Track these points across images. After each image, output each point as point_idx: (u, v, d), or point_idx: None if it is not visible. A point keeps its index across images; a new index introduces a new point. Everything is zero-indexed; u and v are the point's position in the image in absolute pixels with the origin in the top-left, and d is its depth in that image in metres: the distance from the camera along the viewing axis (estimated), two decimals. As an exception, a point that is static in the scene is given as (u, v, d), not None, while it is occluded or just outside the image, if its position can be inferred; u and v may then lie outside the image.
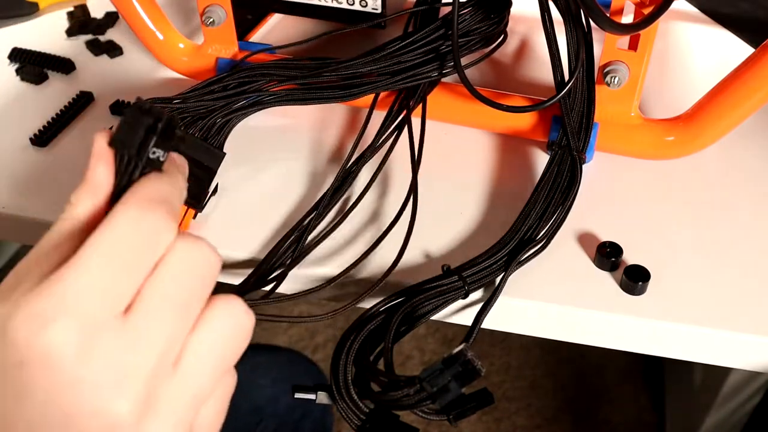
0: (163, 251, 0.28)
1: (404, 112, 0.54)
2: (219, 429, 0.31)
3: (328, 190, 0.50)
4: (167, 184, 0.31)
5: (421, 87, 0.55)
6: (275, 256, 0.46)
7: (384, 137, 0.53)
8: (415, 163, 0.51)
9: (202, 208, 0.48)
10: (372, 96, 0.56)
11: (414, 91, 0.55)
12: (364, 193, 0.50)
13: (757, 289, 0.46)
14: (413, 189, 0.49)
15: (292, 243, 0.47)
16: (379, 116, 0.56)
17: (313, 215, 0.48)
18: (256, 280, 0.44)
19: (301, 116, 0.59)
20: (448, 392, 0.35)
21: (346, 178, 0.51)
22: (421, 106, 0.55)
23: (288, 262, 0.46)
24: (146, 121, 0.30)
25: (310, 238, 0.47)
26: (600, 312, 0.45)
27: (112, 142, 0.30)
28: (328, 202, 0.49)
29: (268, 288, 0.44)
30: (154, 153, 0.31)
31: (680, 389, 1.14)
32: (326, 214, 0.49)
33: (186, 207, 0.48)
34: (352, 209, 0.49)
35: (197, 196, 0.47)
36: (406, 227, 0.47)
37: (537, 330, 0.47)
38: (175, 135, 0.31)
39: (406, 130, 0.53)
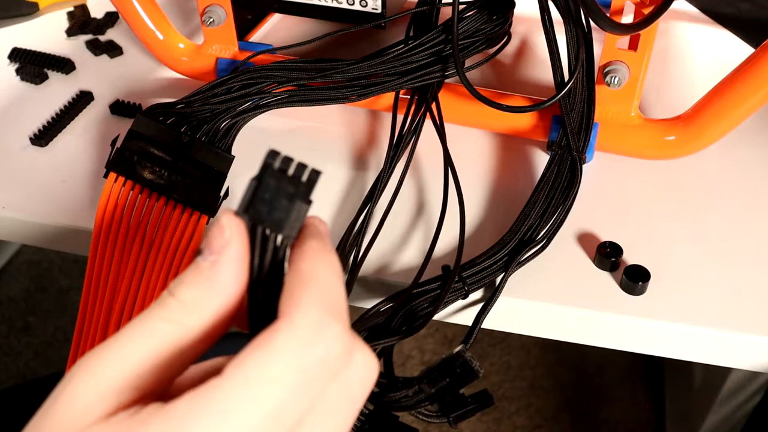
0: (341, 368, 0.23)
1: (422, 110, 0.54)
2: None
3: (373, 193, 0.50)
4: (332, 271, 0.24)
5: (432, 86, 0.55)
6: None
7: (408, 136, 0.53)
8: (448, 157, 0.51)
9: (215, 213, 0.48)
10: (383, 97, 0.56)
11: (425, 90, 0.55)
12: (397, 193, 0.51)
13: (758, 289, 0.46)
14: (457, 185, 0.49)
15: (350, 249, 0.47)
16: (385, 117, 0.56)
17: (362, 218, 0.49)
18: None
19: (308, 118, 0.59)
20: (446, 393, 0.35)
21: (380, 179, 0.51)
22: (434, 105, 0.55)
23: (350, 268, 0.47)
24: (288, 184, 0.23)
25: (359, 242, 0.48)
26: (600, 312, 0.45)
27: (247, 214, 0.23)
28: (372, 205, 0.50)
29: None
30: (298, 221, 0.23)
31: (680, 389, 1.14)
32: (370, 217, 0.49)
33: (199, 213, 0.47)
34: (391, 207, 0.50)
35: (209, 201, 0.47)
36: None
37: (537, 330, 0.47)
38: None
39: (425, 128, 0.54)
